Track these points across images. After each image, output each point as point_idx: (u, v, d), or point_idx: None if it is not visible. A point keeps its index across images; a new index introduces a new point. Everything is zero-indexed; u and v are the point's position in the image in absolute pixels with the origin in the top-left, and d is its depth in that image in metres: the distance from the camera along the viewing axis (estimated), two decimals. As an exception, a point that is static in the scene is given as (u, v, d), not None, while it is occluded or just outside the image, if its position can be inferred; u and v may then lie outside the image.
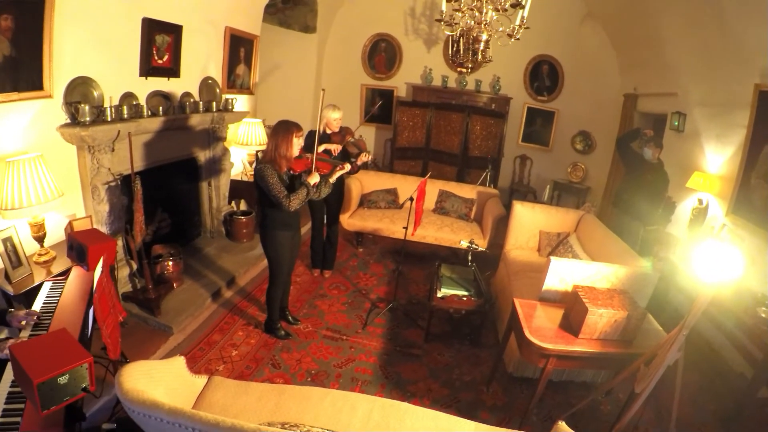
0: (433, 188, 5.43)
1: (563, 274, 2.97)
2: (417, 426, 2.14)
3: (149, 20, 3.53)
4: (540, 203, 5.30)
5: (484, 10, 2.99)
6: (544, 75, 6.74)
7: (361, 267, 4.95)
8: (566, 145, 6.79)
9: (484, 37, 3.11)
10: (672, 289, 4.09)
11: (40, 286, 2.64)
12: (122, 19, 3.34)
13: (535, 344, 2.60)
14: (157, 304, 3.54)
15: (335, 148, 3.99)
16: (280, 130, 2.99)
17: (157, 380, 1.98)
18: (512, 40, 3.43)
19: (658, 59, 4.99)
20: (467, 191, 5.38)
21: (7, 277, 2.63)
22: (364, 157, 3.99)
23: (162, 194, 4.33)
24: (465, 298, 3.62)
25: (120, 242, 3.57)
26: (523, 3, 3.13)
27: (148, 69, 3.68)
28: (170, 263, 3.89)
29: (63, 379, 1.59)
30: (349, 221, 5.08)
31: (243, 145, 5.18)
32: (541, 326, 2.76)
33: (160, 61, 3.79)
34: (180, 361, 2.27)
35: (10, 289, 2.57)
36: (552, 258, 2.99)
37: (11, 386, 1.89)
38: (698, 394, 3.35)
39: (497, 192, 5.35)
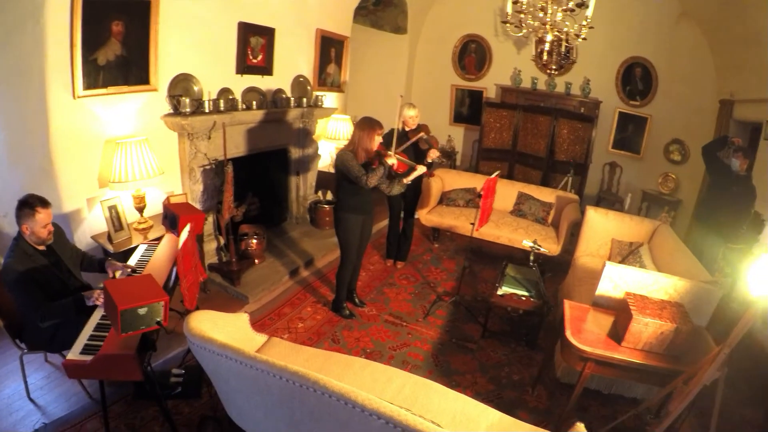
0: (513, 190, 5.46)
1: (617, 281, 2.96)
2: (443, 405, 2.27)
3: (244, 24, 4.06)
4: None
5: (549, 11, 3.01)
6: (636, 78, 6.38)
7: (433, 261, 5.12)
8: (658, 154, 6.34)
9: (549, 37, 3.12)
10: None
11: (136, 248, 3.20)
12: (220, 23, 3.90)
13: (574, 345, 2.61)
14: (238, 276, 4.04)
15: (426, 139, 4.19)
16: (365, 126, 3.33)
17: (220, 327, 2.34)
18: (579, 39, 3.40)
19: (758, 61, 4.54)
20: (546, 195, 5.33)
21: (109, 238, 3.24)
22: (433, 154, 4.15)
23: (254, 180, 4.93)
24: (524, 298, 3.64)
25: (210, 219, 4.13)
26: (587, 2, 3.09)
27: (243, 67, 4.22)
28: (254, 241, 4.39)
29: (142, 311, 2.00)
30: (427, 217, 5.29)
31: (331, 139, 5.61)
32: (586, 330, 2.77)
33: (254, 60, 4.32)
34: (244, 317, 2.65)
35: (110, 248, 3.19)
36: (607, 262, 2.98)
37: (100, 319, 2.37)
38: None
39: (577, 198, 5.23)
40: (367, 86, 7.40)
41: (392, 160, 3.36)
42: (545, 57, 3.43)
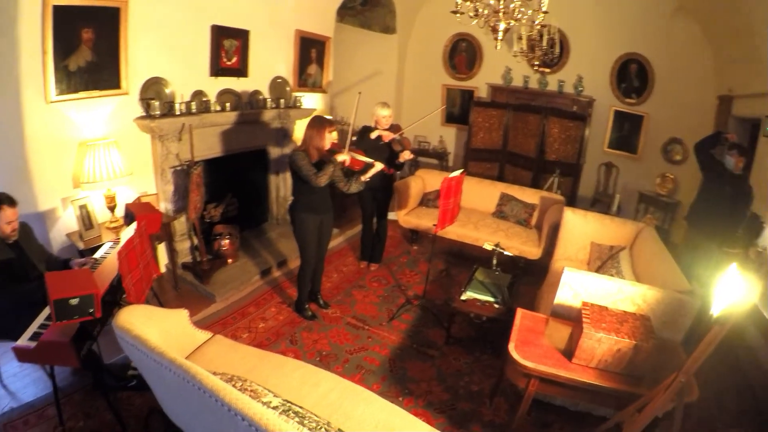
0: (495, 191, 5.62)
1: (578, 288, 2.89)
2: (366, 414, 2.31)
3: (217, 27, 4.37)
4: (601, 213, 5.08)
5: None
6: (632, 75, 6.45)
7: (409, 264, 5.33)
8: (656, 154, 6.39)
9: (502, 26, 3.24)
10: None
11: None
12: (191, 27, 4.21)
13: (515, 360, 2.56)
14: (208, 275, 4.35)
15: (387, 134, 4.37)
16: (315, 124, 3.56)
17: (154, 322, 2.57)
18: (537, 25, 3.47)
19: (756, 55, 4.56)
20: (530, 196, 5.45)
21: (80, 236, 3.58)
22: (405, 155, 4.34)
23: (233, 181, 5.22)
24: (488, 305, 3.68)
25: (183, 218, 4.44)
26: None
27: (217, 70, 4.53)
28: (226, 241, 4.69)
29: (74, 301, 2.30)
30: (405, 218, 5.49)
31: (312, 139, 5.87)
32: (536, 343, 2.71)
33: (228, 63, 4.62)
34: (183, 314, 2.89)
35: (80, 245, 3.51)
36: (565, 267, 2.96)
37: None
38: None
39: (562, 199, 5.31)
40: (356, 87, 7.62)
41: (343, 157, 3.56)
42: (498, 46, 3.51)
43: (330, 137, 3.57)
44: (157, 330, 2.55)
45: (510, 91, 7.15)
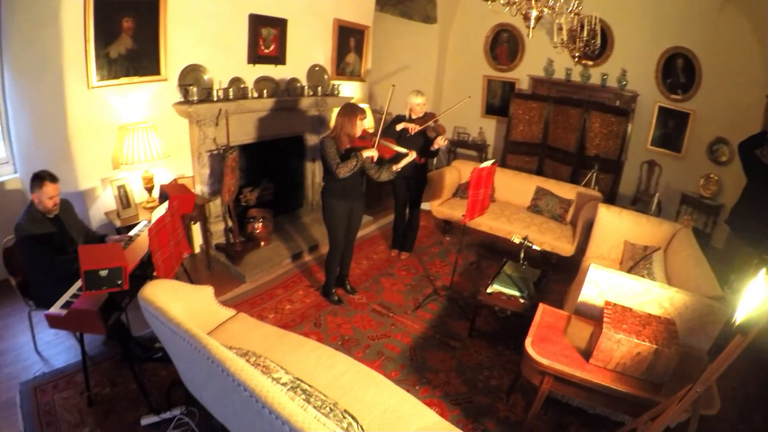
0: (531, 184, 5.53)
1: (603, 287, 2.81)
2: (377, 399, 2.35)
3: (255, 16, 4.48)
4: (640, 212, 4.87)
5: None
6: (678, 70, 6.10)
7: (440, 255, 5.32)
8: (701, 153, 6.02)
9: (534, 13, 3.18)
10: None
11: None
12: (229, 15, 4.33)
13: (531, 356, 2.52)
14: (240, 256, 4.50)
15: (412, 127, 4.34)
16: (347, 112, 3.61)
17: (179, 296, 2.71)
18: (571, 13, 3.39)
19: None
20: (566, 191, 5.33)
21: (118, 214, 3.78)
22: (439, 141, 4.31)
23: (270, 166, 5.38)
24: (513, 299, 3.64)
25: (218, 201, 4.60)
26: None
27: (255, 57, 4.65)
28: (259, 224, 4.83)
29: (103, 273, 2.43)
30: (438, 209, 5.48)
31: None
32: (553, 340, 2.67)
33: (266, 51, 4.73)
34: (208, 290, 3.02)
35: (117, 223, 3.72)
36: (591, 265, 2.88)
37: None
38: None
39: (599, 195, 5.16)
40: (396, 76, 7.64)
41: (370, 153, 3.60)
42: (530, 35, 3.44)
43: (361, 125, 3.61)
44: (181, 304, 2.67)
45: (551, 83, 6.97)
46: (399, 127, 4.35)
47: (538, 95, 6.82)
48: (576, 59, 4.94)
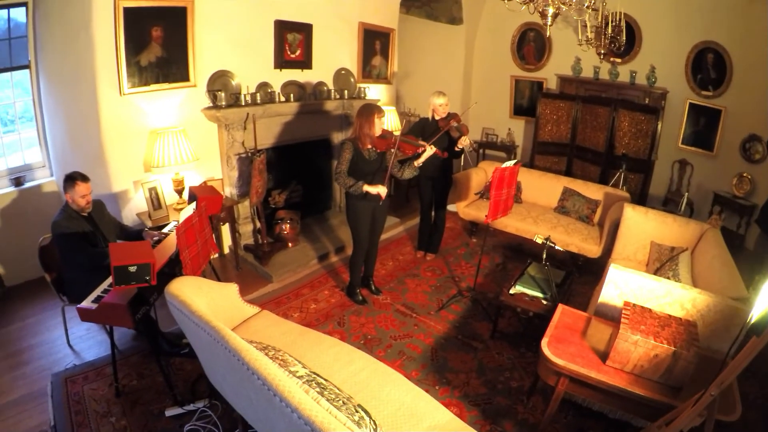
0: (558, 185, 5.47)
1: (623, 287, 2.79)
2: (393, 395, 2.37)
3: (280, 22, 4.62)
4: (668, 212, 4.72)
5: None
6: (709, 66, 5.91)
7: (466, 256, 5.31)
8: (733, 152, 5.79)
9: (551, 11, 3.16)
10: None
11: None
12: (255, 22, 4.48)
13: (546, 356, 2.50)
14: (268, 257, 4.61)
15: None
16: (365, 112, 3.67)
17: (203, 292, 2.81)
18: (588, 8, 3.36)
19: None
20: (594, 191, 5.25)
21: (149, 215, 3.96)
22: (464, 141, 4.33)
23: (298, 168, 5.50)
24: (536, 300, 3.61)
25: (247, 203, 4.73)
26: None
27: (281, 62, 4.79)
28: (287, 226, 4.94)
29: (132, 269, 2.56)
30: (465, 210, 5.50)
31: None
32: (570, 341, 2.65)
33: (292, 56, 4.86)
34: (233, 288, 3.13)
35: (149, 224, 3.90)
36: (611, 265, 2.86)
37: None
38: None
39: (627, 195, 5.06)
40: (424, 78, 7.69)
41: (377, 190, 3.68)
42: (548, 33, 3.42)
43: (379, 123, 3.66)
44: (206, 300, 2.78)
45: (579, 82, 6.89)
46: (426, 155, 3.99)
47: (565, 94, 6.76)
48: (602, 56, 4.86)
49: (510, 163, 4.01)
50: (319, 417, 1.55)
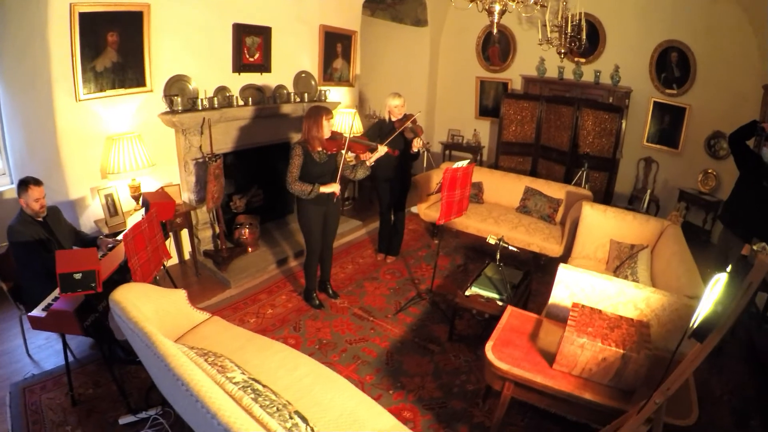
0: (520, 184, 5.64)
1: (574, 288, 2.83)
2: (335, 401, 2.43)
3: (238, 25, 4.71)
4: (629, 209, 4.92)
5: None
6: (673, 64, 6.18)
7: (427, 258, 5.45)
8: (698, 148, 6.09)
9: (497, 8, 3.25)
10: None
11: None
12: (213, 26, 4.57)
13: (490, 360, 2.50)
14: (226, 262, 4.71)
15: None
16: (312, 114, 3.73)
17: (151, 300, 2.90)
18: (538, 6, 3.43)
19: None
20: (555, 190, 5.42)
21: (106, 222, 4.04)
22: (417, 143, 4.43)
23: (259, 172, 5.59)
24: (491, 301, 3.64)
25: (205, 208, 4.81)
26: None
27: (240, 66, 4.88)
28: (246, 230, 5.04)
29: (77, 276, 2.65)
30: (425, 211, 5.66)
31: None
32: (517, 344, 2.65)
33: (251, 59, 4.96)
34: (180, 294, 3.20)
35: (106, 231, 3.98)
36: (561, 265, 2.90)
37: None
38: None
39: (590, 194, 5.22)
40: (389, 80, 7.83)
41: (331, 188, 3.77)
42: (494, 30, 3.51)
43: (328, 125, 3.72)
44: (153, 307, 2.86)
45: (544, 82, 7.12)
46: (377, 155, 4.15)
47: (529, 94, 6.97)
48: (563, 56, 5.02)
49: (463, 163, 4.05)
50: (237, 423, 1.64)
